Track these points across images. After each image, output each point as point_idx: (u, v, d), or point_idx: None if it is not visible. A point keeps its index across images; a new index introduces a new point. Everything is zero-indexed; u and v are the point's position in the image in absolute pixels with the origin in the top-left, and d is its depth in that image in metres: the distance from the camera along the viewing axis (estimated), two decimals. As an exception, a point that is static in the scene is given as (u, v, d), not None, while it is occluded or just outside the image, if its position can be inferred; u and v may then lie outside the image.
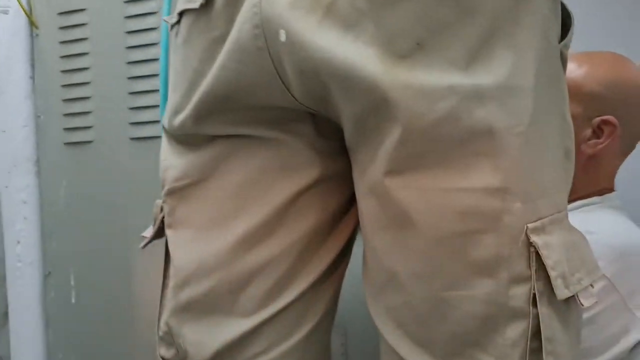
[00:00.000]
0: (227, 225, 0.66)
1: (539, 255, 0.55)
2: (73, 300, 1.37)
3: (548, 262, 0.55)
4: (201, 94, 0.63)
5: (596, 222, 0.93)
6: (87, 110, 1.35)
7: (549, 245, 0.55)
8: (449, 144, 0.54)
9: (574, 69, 0.96)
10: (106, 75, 1.32)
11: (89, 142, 1.35)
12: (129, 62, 1.30)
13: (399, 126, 0.54)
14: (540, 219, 0.56)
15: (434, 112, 0.53)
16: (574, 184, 0.99)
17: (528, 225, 0.55)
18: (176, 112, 0.67)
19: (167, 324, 0.69)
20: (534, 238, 0.55)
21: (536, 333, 0.55)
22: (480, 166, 0.54)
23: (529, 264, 0.55)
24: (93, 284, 1.35)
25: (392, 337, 0.61)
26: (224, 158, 0.66)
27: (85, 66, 1.34)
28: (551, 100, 0.59)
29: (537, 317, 0.55)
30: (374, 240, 0.61)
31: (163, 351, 0.70)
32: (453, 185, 0.54)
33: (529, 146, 0.55)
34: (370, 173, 0.59)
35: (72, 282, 1.37)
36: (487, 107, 0.54)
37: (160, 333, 0.70)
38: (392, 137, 0.55)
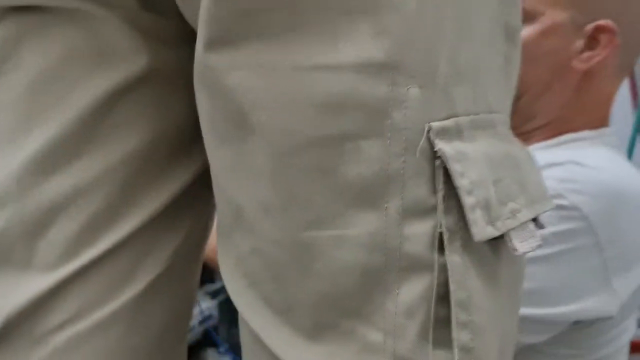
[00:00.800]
0: (17, 141, 0.49)
1: (449, 172, 0.36)
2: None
3: (462, 182, 0.36)
4: None
5: (587, 157, 0.78)
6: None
7: (465, 157, 0.37)
8: None
9: None
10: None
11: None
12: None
13: None
14: (453, 116, 0.37)
15: None
16: (561, 112, 0.79)
17: (431, 124, 0.37)
18: None
19: None
20: (440, 145, 0.36)
21: (444, 294, 0.37)
22: (355, 29, 0.36)
23: (434, 186, 0.37)
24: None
25: (243, 300, 0.43)
26: (14, 44, 0.49)
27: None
28: None
29: (444, 269, 0.37)
30: (213, 161, 0.43)
31: None
32: (311, 62, 0.36)
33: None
34: (196, 53, 0.41)
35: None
36: None
37: None
38: None
